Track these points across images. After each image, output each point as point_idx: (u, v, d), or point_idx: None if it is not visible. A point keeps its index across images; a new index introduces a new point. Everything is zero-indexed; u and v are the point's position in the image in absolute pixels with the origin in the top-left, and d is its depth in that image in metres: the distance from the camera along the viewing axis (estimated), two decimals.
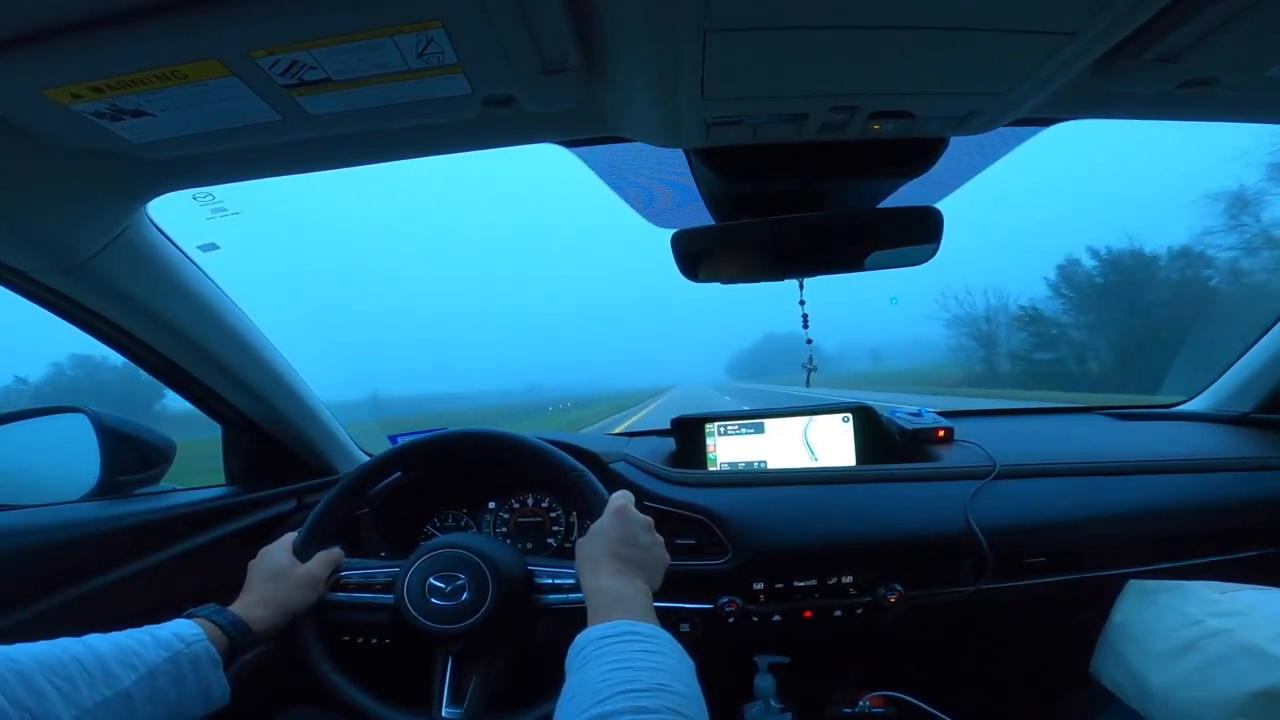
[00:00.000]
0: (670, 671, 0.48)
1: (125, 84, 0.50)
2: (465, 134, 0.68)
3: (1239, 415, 1.19)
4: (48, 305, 0.77)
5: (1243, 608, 0.73)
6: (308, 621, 0.78)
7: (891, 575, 0.93)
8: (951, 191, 0.93)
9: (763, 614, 0.94)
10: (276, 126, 0.59)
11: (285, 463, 1.12)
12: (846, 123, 0.66)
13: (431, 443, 0.90)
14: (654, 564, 0.70)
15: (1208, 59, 0.57)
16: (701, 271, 0.94)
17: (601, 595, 0.62)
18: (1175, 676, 0.73)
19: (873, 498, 0.99)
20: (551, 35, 0.50)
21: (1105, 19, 0.50)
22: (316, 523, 0.84)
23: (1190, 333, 12.49)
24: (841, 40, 0.52)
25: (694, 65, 0.53)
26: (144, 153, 0.61)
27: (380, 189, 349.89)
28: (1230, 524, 0.97)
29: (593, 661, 0.49)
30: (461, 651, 0.78)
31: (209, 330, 0.89)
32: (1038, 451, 1.05)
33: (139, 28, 0.45)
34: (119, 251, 0.74)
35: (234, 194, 0.79)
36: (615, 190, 0.92)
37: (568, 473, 0.83)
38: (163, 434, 0.99)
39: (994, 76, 0.59)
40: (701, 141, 0.70)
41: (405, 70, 0.52)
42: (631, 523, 0.71)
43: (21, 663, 0.50)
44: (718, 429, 1.23)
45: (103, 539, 0.80)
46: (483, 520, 1.13)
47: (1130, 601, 0.85)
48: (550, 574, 0.80)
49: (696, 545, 0.97)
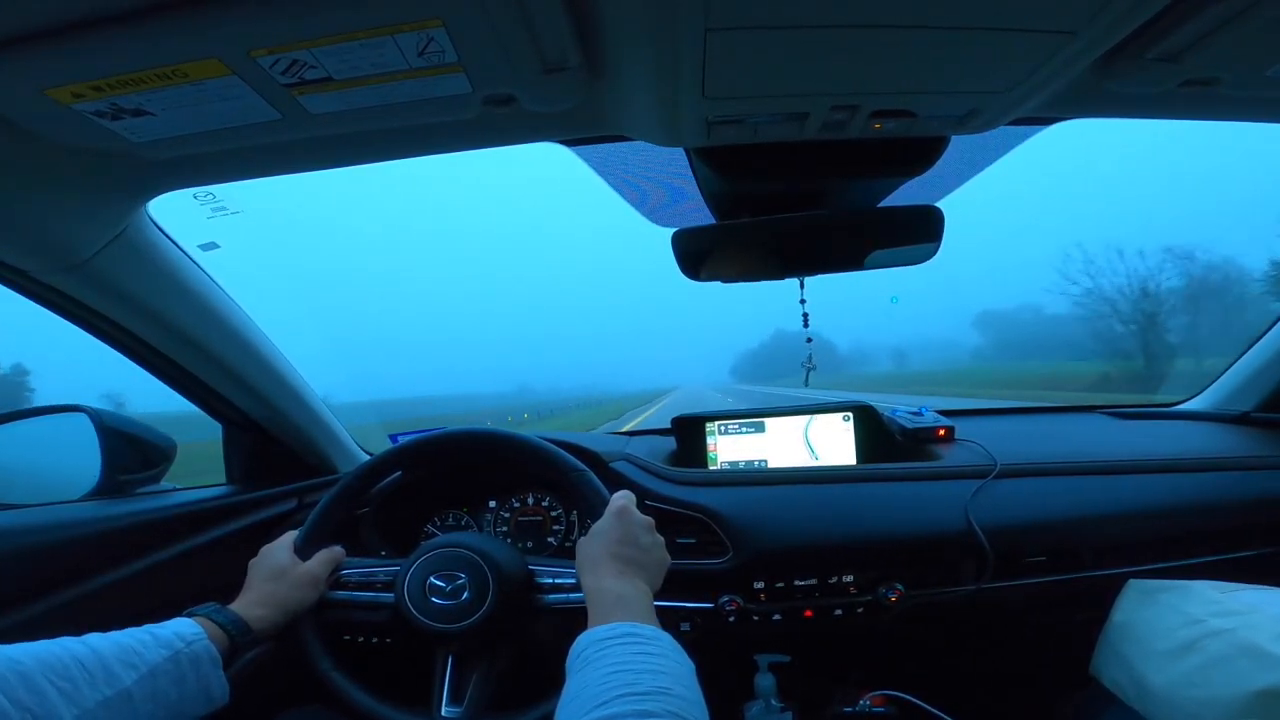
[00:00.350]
0: (671, 674, 0.48)
1: (126, 83, 0.49)
2: (466, 133, 0.67)
3: (1240, 414, 1.19)
4: (49, 305, 0.77)
5: (1244, 607, 0.73)
6: (308, 620, 0.78)
7: (892, 574, 0.93)
8: (952, 190, 0.93)
9: (763, 613, 0.94)
10: (277, 125, 0.58)
11: (286, 462, 1.12)
12: (847, 122, 0.66)
13: (432, 442, 0.90)
14: (655, 565, 0.70)
15: (1209, 58, 0.57)
16: (702, 270, 0.94)
17: (602, 596, 0.61)
18: (1176, 676, 0.72)
19: (873, 497, 0.99)
20: (552, 34, 0.50)
21: (1106, 18, 0.50)
22: (317, 522, 0.84)
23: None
24: (842, 39, 0.52)
25: (695, 64, 0.53)
26: (144, 152, 0.61)
27: (380, 187, 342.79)
28: (1231, 523, 0.97)
29: (594, 663, 0.49)
30: (461, 651, 0.78)
31: (210, 329, 0.89)
32: (1039, 450, 1.05)
33: (139, 27, 0.45)
34: (120, 251, 0.74)
35: (234, 193, 0.79)
36: (616, 189, 0.92)
37: (569, 473, 0.83)
38: (163, 433, 0.99)
39: (995, 75, 0.59)
40: (702, 140, 0.69)
41: (406, 69, 0.52)
42: (633, 523, 0.71)
43: (22, 663, 0.50)
44: (718, 428, 1.23)
45: (103, 538, 0.80)
46: (483, 519, 1.13)
47: (1131, 601, 0.85)
48: (551, 574, 0.80)
49: (697, 544, 0.97)
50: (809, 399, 1.33)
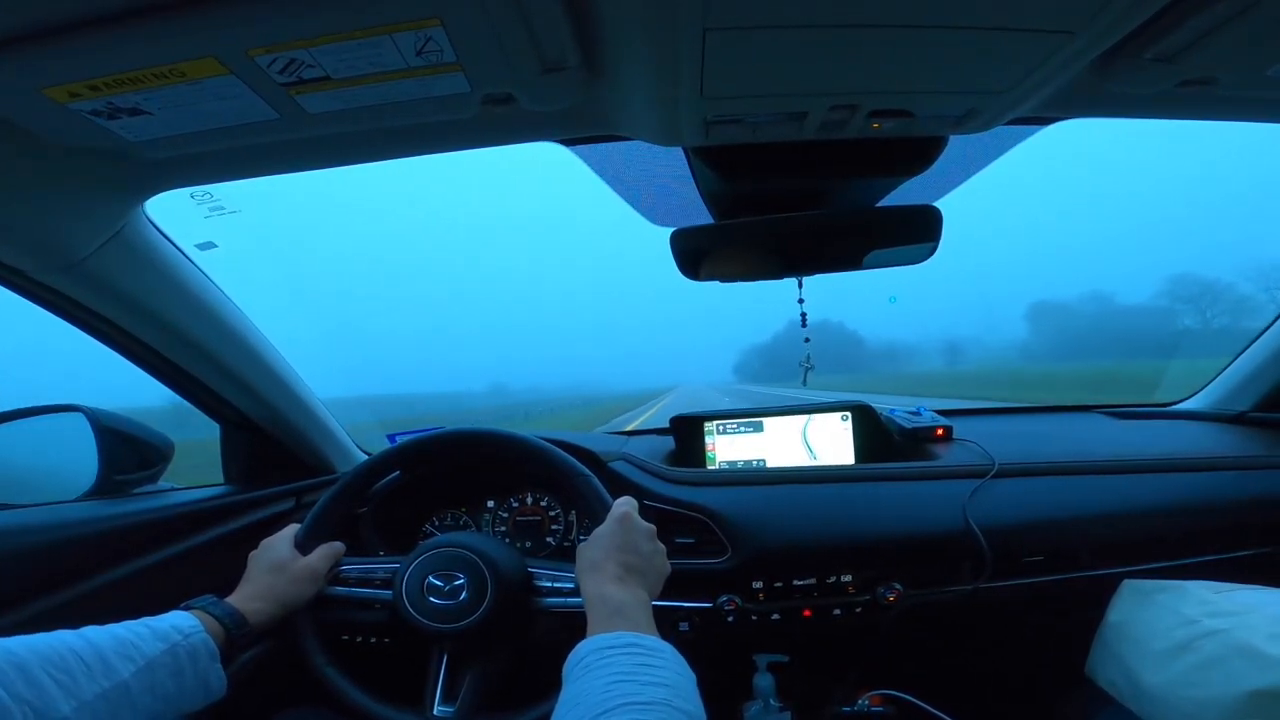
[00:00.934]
0: (673, 687, 0.48)
1: (123, 82, 0.49)
2: (464, 132, 0.67)
3: (1236, 414, 1.19)
4: (45, 304, 0.77)
5: (1239, 608, 0.74)
6: (305, 617, 0.78)
7: (890, 574, 0.93)
8: (950, 190, 0.93)
9: (762, 613, 0.94)
10: (275, 125, 0.58)
11: (284, 462, 1.12)
12: (846, 121, 0.66)
13: (431, 442, 0.90)
14: (655, 573, 0.70)
15: (1207, 58, 0.57)
16: (701, 270, 0.94)
17: (603, 604, 0.61)
18: (1170, 676, 0.73)
19: (872, 496, 0.99)
20: (550, 34, 0.50)
21: (1105, 18, 0.50)
22: (316, 522, 0.84)
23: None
24: (841, 39, 0.52)
25: (693, 64, 0.53)
26: (141, 151, 0.61)
27: (378, 186, 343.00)
28: (1227, 523, 0.97)
29: (595, 671, 0.49)
30: (457, 650, 0.78)
31: (207, 329, 0.89)
32: (1036, 450, 1.06)
33: (136, 26, 0.45)
34: (117, 250, 0.73)
35: (232, 192, 0.79)
36: (614, 189, 0.92)
37: (572, 477, 0.83)
38: (161, 433, 0.99)
39: (993, 75, 0.59)
40: (701, 140, 0.69)
41: (404, 69, 0.52)
42: (634, 530, 0.71)
43: (20, 655, 0.50)
44: (717, 428, 1.23)
45: (100, 539, 0.80)
46: (482, 519, 1.13)
47: (1126, 601, 0.85)
48: (550, 576, 0.80)
49: (695, 544, 0.97)
50: (810, 399, 1.33)
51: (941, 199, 0.90)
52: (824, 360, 38.22)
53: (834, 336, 53.00)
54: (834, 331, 56.02)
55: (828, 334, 70.81)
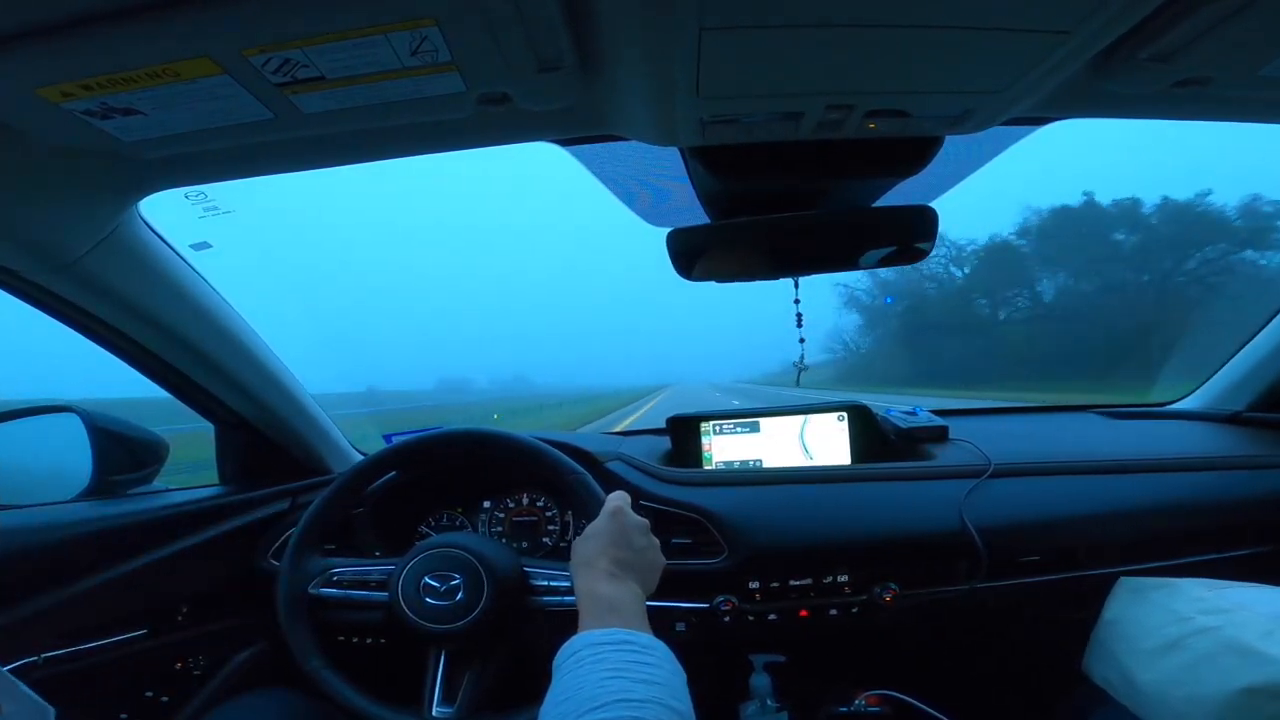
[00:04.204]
0: (665, 685, 0.47)
1: (116, 82, 0.49)
2: (460, 132, 0.67)
3: (1231, 414, 1.20)
4: (39, 305, 0.77)
5: (1231, 605, 0.74)
6: (300, 618, 0.78)
7: (887, 574, 0.93)
8: (946, 190, 0.93)
9: (758, 613, 0.94)
10: (269, 125, 0.58)
11: (279, 462, 1.11)
12: (842, 121, 0.66)
13: (427, 442, 0.90)
14: (649, 567, 0.69)
15: (1202, 58, 0.57)
16: (696, 270, 0.94)
17: (596, 600, 0.61)
18: (1163, 673, 0.73)
19: (868, 497, 0.99)
20: (546, 33, 0.50)
21: (1100, 18, 0.50)
22: (311, 522, 0.84)
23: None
24: (837, 39, 0.52)
25: (689, 64, 0.53)
26: (135, 151, 0.61)
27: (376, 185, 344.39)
28: (1222, 522, 0.98)
29: (587, 665, 0.49)
30: (455, 651, 0.78)
31: (202, 329, 0.89)
32: (1032, 450, 1.06)
33: (130, 26, 0.45)
34: (110, 250, 0.73)
35: (226, 192, 0.79)
36: (610, 189, 0.91)
37: (565, 474, 0.83)
38: (155, 433, 0.99)
39: (988, 75, 0.59)
40: (697, 140, 0.69)
41: (399, 68, 0.51)
42: (627, 524, 0.70)
43: None
44: (713, 428, 1.23)
45: (95, 539, 0.80)
46: (478, 519, 1.12)
47: (1121, 599, 0.86)
48: (546, 575, 0.80)
49: (692, 544, 0.97)
50: (806, 399, 1.33)
51: (937, 199, 0.90)
52: (823, 360, 37.48)
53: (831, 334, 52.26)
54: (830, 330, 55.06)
55: (824, 332, 68.52)
